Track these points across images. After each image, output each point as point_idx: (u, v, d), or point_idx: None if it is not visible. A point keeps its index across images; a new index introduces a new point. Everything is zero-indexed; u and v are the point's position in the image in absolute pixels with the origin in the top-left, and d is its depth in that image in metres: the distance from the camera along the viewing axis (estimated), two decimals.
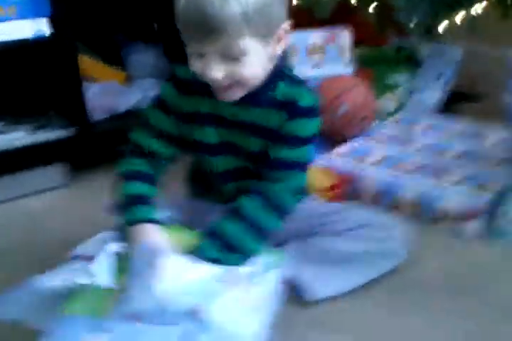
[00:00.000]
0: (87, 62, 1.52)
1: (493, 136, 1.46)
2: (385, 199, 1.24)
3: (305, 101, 0.88)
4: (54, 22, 1.27)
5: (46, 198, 1.39)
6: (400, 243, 1.02)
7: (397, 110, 1.67)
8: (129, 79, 1.66)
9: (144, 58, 1.68)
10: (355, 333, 0.90)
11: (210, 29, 0.75)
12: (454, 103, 1.78)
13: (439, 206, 1.18)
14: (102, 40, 1.64)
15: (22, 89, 1.43)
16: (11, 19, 1.23)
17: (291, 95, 0.88)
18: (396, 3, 1.49)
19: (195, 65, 0.81)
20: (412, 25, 1.50)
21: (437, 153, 1.38)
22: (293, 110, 0.88)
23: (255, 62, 0.80)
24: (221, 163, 0.96)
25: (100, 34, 1.62)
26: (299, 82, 0.90)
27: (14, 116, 1.42)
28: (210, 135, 0.92)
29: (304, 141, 0.90)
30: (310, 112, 0.89)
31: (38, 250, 1.14)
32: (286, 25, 0.83)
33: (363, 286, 0.99)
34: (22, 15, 1.24)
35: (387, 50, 1.78)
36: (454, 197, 1.18)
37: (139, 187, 0.90)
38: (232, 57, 0.79)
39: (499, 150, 1.38)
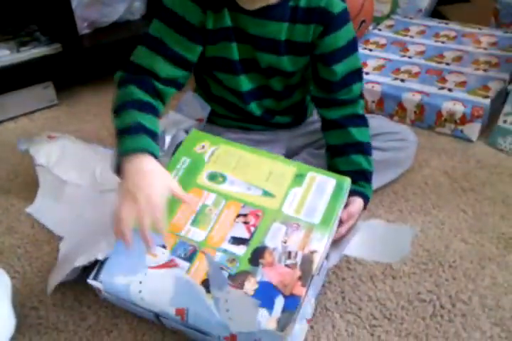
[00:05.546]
0: None
1: (485, 38, 1.46)
2: (390, 104, 1.26)
3: (337, 6, 0.79)
4: None
5: (37, 118, 1.34)
6: (412, 151, 1.05)
7: (390, 13, 1.64)
8: None
9: None
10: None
11: None
12: (443, 4, 1.76)
13: (442, 109, 1.20)
14: None
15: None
16: None
17: (317, 2, 0.78)
18: None
19: None
20: None
21: (436, 57, 1.39)
22: (329, 21, 0.79)
23: None
24: (244, 82, 0.89)
25: None
26: None
27: None
28: (233, 51, 0.85)
29: (351, 48, 0.83)
30: (346, 16, 0.80)
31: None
32: None
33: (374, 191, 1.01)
34: None
35: None
36: (456, 99, 1.21)
37: (141, 117, 0.76)
38: None
39: (495, 51, 1.39)
